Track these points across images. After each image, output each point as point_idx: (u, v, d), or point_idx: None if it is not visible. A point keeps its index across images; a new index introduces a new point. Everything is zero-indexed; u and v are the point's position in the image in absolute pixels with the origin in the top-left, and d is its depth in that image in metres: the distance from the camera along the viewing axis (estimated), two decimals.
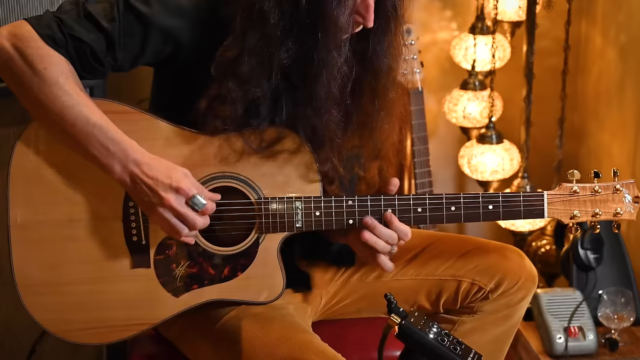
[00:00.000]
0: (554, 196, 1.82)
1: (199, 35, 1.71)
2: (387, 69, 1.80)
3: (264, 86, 1.70)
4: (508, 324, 1.96)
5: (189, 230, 1.70)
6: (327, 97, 1.71)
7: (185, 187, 1.67)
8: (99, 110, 1.68)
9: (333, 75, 1.70)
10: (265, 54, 1.67)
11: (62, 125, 1.67)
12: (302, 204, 1.77)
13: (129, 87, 2.46)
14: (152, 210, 1.69)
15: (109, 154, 1.67)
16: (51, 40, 1.65)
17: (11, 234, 1.75)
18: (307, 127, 1.75)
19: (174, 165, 1.70)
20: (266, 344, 1.72)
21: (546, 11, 2.91)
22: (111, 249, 1.76)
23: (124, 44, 1.69)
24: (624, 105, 2.93)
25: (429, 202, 1.79)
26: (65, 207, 1.75)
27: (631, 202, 1.82)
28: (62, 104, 1.65)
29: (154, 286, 1.78)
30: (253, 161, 1.76)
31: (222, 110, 1.70)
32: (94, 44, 1.67)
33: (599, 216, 1.82)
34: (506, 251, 1.97)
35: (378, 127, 1.83)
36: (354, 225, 1.78)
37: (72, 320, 1.78)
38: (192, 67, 1.73)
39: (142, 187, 1.67)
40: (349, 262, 2.00)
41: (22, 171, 1.74)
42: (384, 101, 1.82)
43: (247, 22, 1.67)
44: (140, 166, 1.67)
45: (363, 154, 1.87)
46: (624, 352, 2.68)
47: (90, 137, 1.67)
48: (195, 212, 1.69)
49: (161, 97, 1.87)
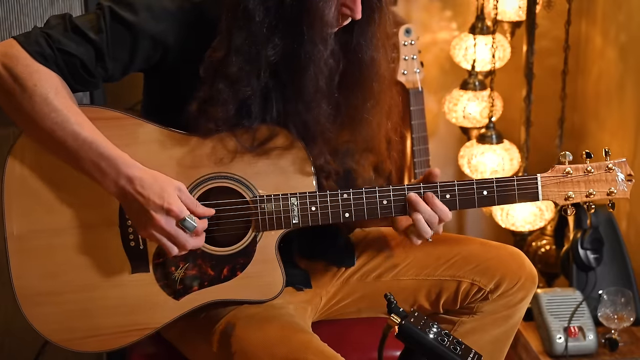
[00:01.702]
0: (547, 178, 1.82)
1: (186, 36, 1.72)
2: (370, 60, 1.80)
3: (253, 85, 1.70)
4: (508, 324, 1.96)
5: (179, 250, 1.69)
6: (315, 90, 1.71)
7: (176, 209, 1.65)
8: (90, 125, 1.68)
9: (320, 68, 1.70)
10: (253, 52, 1.68)
11: (54, 142, 1.66)
12: (298, 200, 1.77)
13: (126, 90, 2.45)
14: (142, 227, 1.69)
15: (101, 170, 1.67)
16: (40, 56, 1.65)
17: (8, 245, 1.74)
18: (298, 122, 1.75)
19: (168, 181, 1.68)
20: (266, 343, 1.72)
21: (546, 11, 2.91)
22: (109, 255, 1.76)
23: (113, 53, 1.69)
24: (624, 105, 2.93)
25: (424, 191, 1.80)
26: (61, 216, 1.75)
27: (624, 181, 1.82)
28: (51, 121, 1.65)
29: (154, 290, 1.78)
30: (247, 160, 1.76)
31: (214, 111, 1.70)
32: (83, 56, 1.67)
33: (593, 196, 1.82)
34: (506, 251, 1.97)
35: (365, 119, 1.83)
36: (350, 219, 1.78)
37: (73, 329, 1.78)
38: (180, 69, 1.73)
39: (134, 204, 1.66)
40: (348, 262, 2.00)
41: (16, 182, 1.74)
42: (370, 93, 1.82)
43: (232, 21, 1.67)
44: (132, 183, 1.66)
45: (355, 148, 1.87)
46: (624, 352, 2.68)
47: (80, 153, 1.66)
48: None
49: (152, 101, 1.87)
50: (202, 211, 1.71)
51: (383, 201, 1.79)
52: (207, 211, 1.72)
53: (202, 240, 1.72)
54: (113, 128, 1.70)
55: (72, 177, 1.73)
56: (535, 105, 2.99)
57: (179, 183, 1.69)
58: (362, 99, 1.82)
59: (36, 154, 1.73)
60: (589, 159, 1.82)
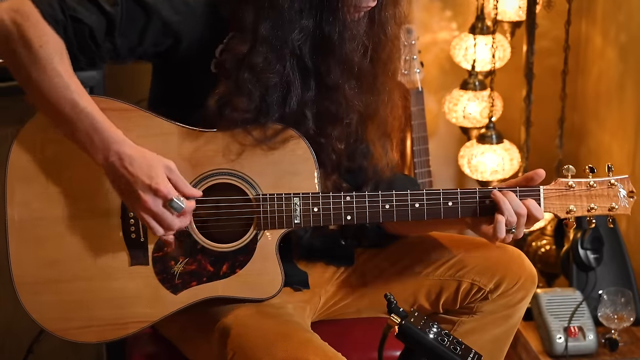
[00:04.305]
0: (549, 191, 1.82)
1: (200, 31, 1.72)
2: (394, 38, 1.81)
3: (280, 71, 1.70)
4: (508, 324, 1.96)
5: (164, 231, 1.69)
6: (342, 71, 1.73)
7: (164, 190, 1.64)
8: (88, 96, 1.67)
9: (353, 47, 1.72)
10: (280, 40, 1.68)
11: (50, 105, 1.65)
12: (300, 200, 1.77)
13: (128, 87, 2.46)
14: (129, 204, 1.69)
15: (92, 142, 1.66)
16: (51, 19, 1.64)
17: (9, 231, 1.74)
18: (319, 110, 1.76)
19: (157, 160, 1.67)
20: (265, 343, 1.71)
21: (546, 11, 2.91)
22: (109, 246, 1.76)
23: (124, 29, 1.68)
24: (624, 105, 2.93)
25: (427, 198, 1.80)
26: (63, 205, 1.75)
27: (626, 197, 1.83)
28: (53, 84, 1.64)
29: (153, 283, 1.78)
30: (251, 158, 1.76)
31: (239, 102, 1.70)
32: (93, 25, 1.66)
33: (594, 211, 1.83)
34: (506, 251, 1.97)
35: (382, 99, 1.84)
36: (352, 221, 1.78)
37: (70, 319, 1.77)
38: (192, 63, 1.73)
39: (122, 181, 1.66)
40: (348, 261, 2.00)
41: (20, 169, 1.74)
42: (389, 72, 1.84)
43: (258, 13, 1.68)
44: (122, 159, 1.65)
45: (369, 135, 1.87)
46: (624, 352, 2.68)
47: (76, 122, 1.65)
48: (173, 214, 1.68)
49: (160, 93, 1.87)
50: (190, 192, 1.69)
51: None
52: (195, 192, 1.70)
53: (187, 220, 1.70)
54: (120, 119, 1.70)
55: (76, 167, 1.73)
56: (535, 105, 2.99)
57: (169, 161, 1.68)
58: (381, 79, 1.82)
59: (41, 142, 1.73)
60: (592, 174, 1.83)
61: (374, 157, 1.89)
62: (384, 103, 1.84)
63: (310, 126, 1.77)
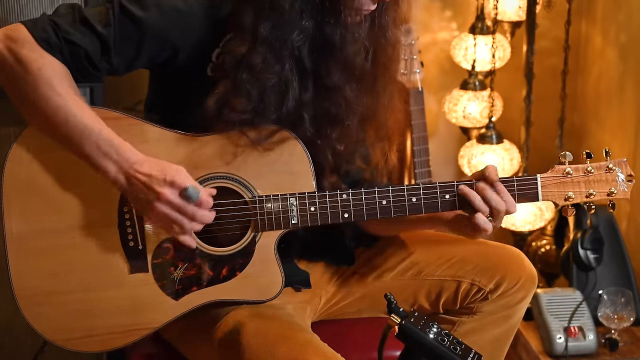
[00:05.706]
0: (547, 178, 1.81)
1: (196, 36, 1.71)
2: (395, 41, 1.81)
3: (278, 72, 1.70)
4: (508, 324, 1.96)
5: (189, 221, 1.69)
6: (342, 72, 1.72)
7: (179, 180, 1.66)
8: (92, 112, 1.68)
9: (354, 49, 1.71)
10: (279, 41, 1.68)
11: (55, 126, 1.66)
12: (297, 200, 1.77)
13: (127, 89, 2.46)
14: (149, 207, 1.68)
15: (102, 155, 1.67)
16: (46, 44, 1.65)
17: (8, 245, 1.74)
18: (316, 111, 1.75)
19: (167, 163, 1.69)
20: (266, 343, 1.71)
21: (546, 11, 2.91)
22: (108, 255, 1.76)
23: (119, 48, 1.68)
24: (624, 105, 2.93)
25: (423, 192, 1.79)
26: (61, 216, 1.75)
27: (624, 181, 1.82)
28: (55, 104, 1.65)
29: (153, 290, 1.78)
30: (246, 160, 1.76)
31: (237, 102, 1.70)
32: (88, 48, 1.67)
33: (593, 196, 1.81)
34: (506, 251, 1.97)
35: (382, 102, 1.83)
36: (349, 219, 1.78)
37: (72, 329, 1.77)
38: (190, 68, 1.73)
39: (137, 186, 1.67)
40: (348, 261, 2.00)
41: (16, 182, 1.73)
42: (389, 75, 1.83)
43: (258, 13, 1.67)
44: (133, 165, 1.67)
45: (368, 138, 1.87)
46: (624, 352, 2.68)
47: (83, 139, 1.66)
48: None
49: (157, 97, 1.87)
50: (204, 190, 1.70)
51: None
52: (208, 190, 1.71)
53: (209, 215, 1.70)
54: (113, 128, 1.70)
55: (72, 177, 1.73)
56: (535, 105, 2.99)
57: (178, 166, 1.69)
58: (382, 82, 1.82)
59: (36, 153, 1.73)
60: (589, 159, 1.82)
61: (373, 160, 1.89)
62: (383, 106, 1.84)
63: (307, 127, 1.77)
